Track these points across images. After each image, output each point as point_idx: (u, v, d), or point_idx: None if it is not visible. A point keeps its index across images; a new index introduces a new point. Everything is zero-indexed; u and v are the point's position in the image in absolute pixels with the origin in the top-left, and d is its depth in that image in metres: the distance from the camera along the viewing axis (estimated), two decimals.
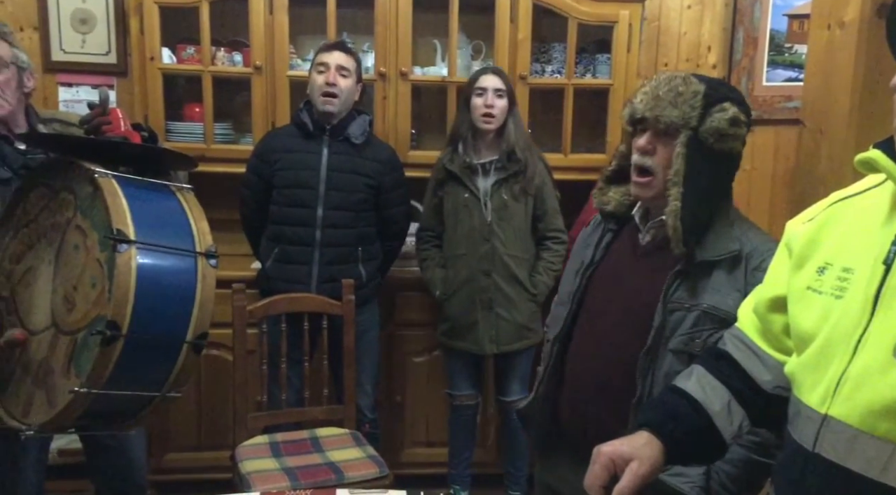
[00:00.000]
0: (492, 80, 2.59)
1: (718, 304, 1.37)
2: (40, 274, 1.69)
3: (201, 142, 2.92)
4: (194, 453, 2.93)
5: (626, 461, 1.03)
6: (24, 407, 1.65)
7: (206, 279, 1.60)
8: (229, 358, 2.75)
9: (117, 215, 1.51)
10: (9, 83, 1.87)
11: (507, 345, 2.64)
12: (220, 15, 2.92)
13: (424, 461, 3.02)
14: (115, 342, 1.46)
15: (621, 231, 1.57)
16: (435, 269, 2.72)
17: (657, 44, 3.36)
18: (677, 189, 1.38)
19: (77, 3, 3.02)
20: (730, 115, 1.37)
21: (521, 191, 2.61)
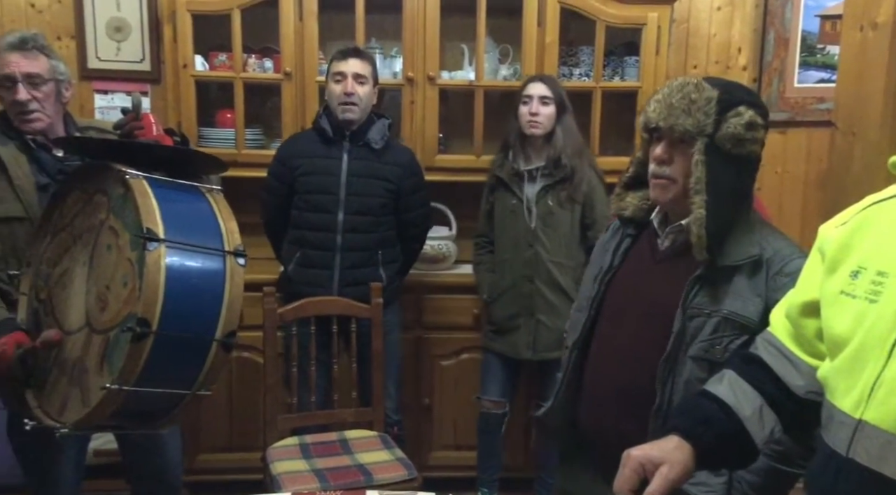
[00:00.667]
0: (538, 87, 2.61)
1: (739, 310, 1.36)
2: (75, 275, 1.73)
3: (233, 147, 2.97)
4: (225, 454, 2.97)
5: (657, 465, 1.03)
6: (60, 406, 1.69)
7: (234, 278, 1.62)
8: (259, 360, 2.79)
9: (147, 214, 1.54)
10: (48, 97, 1.92)
11: (545, 352, 2.64)
12: (250, 22, 2.96)
13: (452, 464, 3.02)
14: (146, 339, 1.49)
15: (640, 236, 1.56)
16: (484, 273, 2.76)
17: (686, 46, 3.34)
18: (700, 197, 1.36)
19: (112, 12, 3.09)
20: (746, 119, 1.35)
21: (568, 199, 2.62)
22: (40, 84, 1.90)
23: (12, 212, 1.88)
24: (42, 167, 1.93)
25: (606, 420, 1.49)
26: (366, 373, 2.55)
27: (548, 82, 2.64)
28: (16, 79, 1.87)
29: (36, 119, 1.91)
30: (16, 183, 1.88)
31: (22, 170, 1.90)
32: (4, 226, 1.89)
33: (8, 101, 1.90)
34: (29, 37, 1.93)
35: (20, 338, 1.78)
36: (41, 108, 1.91)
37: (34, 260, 1.86)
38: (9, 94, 1.89)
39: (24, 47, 1.90)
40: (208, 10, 2.89)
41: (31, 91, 1.89)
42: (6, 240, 1.89)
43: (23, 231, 1.89)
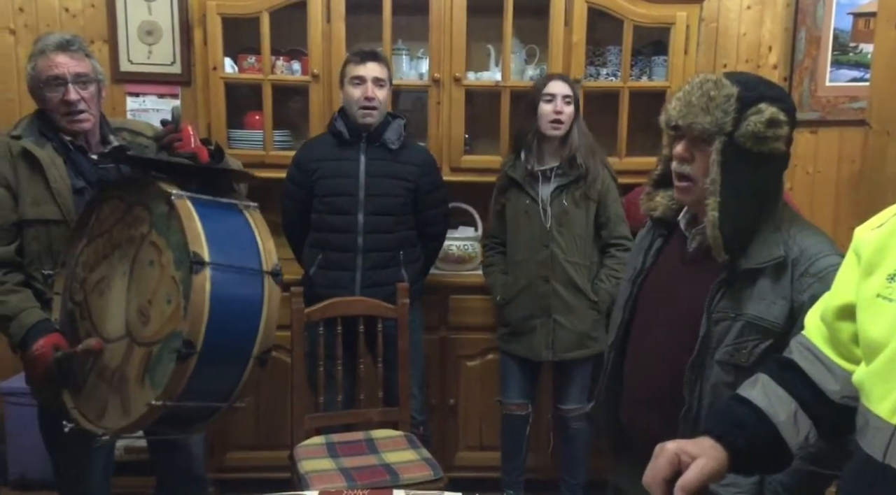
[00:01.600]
0: (560, 86, 2.59)
1: (762, 314, 1.34)
2: (114, 284, 1.77)
3: (261, 149, 3.00)
4: (253, 452, 3.00)
5: (692, 458, 1.02)
6: (99, 411, 1.74)
7: (271, 297, 1.69)
8: (287, 360, 2.81)
9: (193, 237, 1.59)
10: (93, 98, 1.96)
11: (564, 352, 2.63)
12: (279, 24, 2.99)
13: (477, 465, 3.02)
14: (190, 358, 1.55)
15: (671, 236, 1.55)
16: (497, 275, 2.74)
17: (715, 45, 3.30)
18: (714, 198, 1.33)
19: (144, 16, 3.14)
20: (766, 116, 1.32)
21: (583, 197, 2.61)
22: (88, 84, 1.94)
23: (49, 215, 1.91)
24: (78, 170, 1.96)
25: (642, 421, 1.49)
26: (391, 373, 2.56)
27: (568, 81, 2.64)
28: (66, 79, 1.90)
29: (84, 119, 1.94)
30: (53, 185, 1.91)
31: (59, 173, 1.93)
32: (41, 227, 1.92)
33: (56, 102, 1.92)
34: (72, 38, 1.96)
35: (58, 341, 1.82)
36: (88, 108, 1.94)
37: (69, 261, 1.89)
38: (58, 94, 1.91)
39: (71, 48, 1.93)
40: (237, 13, 2.92)
41: (80, 91, 1.92)
42: (42, 241, 1.92)
43: (59, 233, 1.92)
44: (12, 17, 3.16)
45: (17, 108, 3.17)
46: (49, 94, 1.93)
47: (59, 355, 1.78)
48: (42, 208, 1.91)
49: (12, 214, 1.91)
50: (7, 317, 1.87)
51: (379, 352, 2.54)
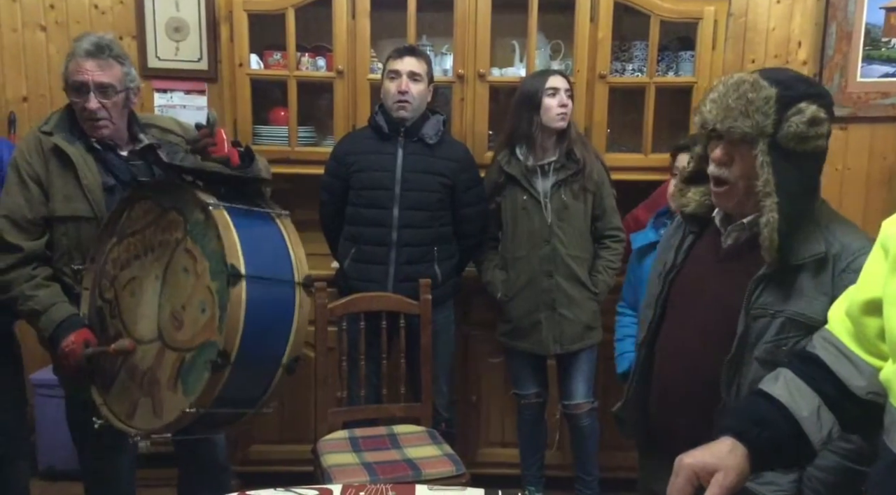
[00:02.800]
0: (561, 80, 2.61)
1: (804, 310, 1.32)
2: (147, 287, 1.80)
3: (286, 144, 3.02)
4: (277, 446, 3.02)
5: (711, 472, 1.01)
6: (129, 410, 1.78)
7: (302, 307, 1.73)
8: (311, 354, 2.83)
9: (231, 249, 1.62)
10: (116, 106, 1.99)
11: (570, 344, 2.65)
12: (304, 21, 3.01)
13: (499, 461, 3.02)
14: (224, 369, 1.59)
15: (703, 233, 1.53)
16: (494, 271, 2.74)
17: (744, 40, 3.26)
18: (772, 199, 1.31)
19: (172, 13, 3.17)
20: (808, 115, 1.30)
21: (581, 189, 2.62)
22: (111, 94, 1.96)
23: (80, 212, 1.95)
24: (108, 168, 1.99)
25: (674, 419, 1.48)
26: (415, 369, 2.57)
27: (566, 75, 2.66)
28: (88, 88, 1.93)
29: (103, 126, 1.97)
30: (83, 182, 1.94)
31: (90, 170, 1.96)
32: (72, 223, 1.95)
33: (79, 106, 1.96)
34: (105, 44, 1.97)
35: (88, 336, 1.85)
36: (108, 116, 1.96)
37: (98, 257, 1.92)
38: (80, 100, 1.95)
39: (100, 56, 1.94)
40: (264, 10, 2.94)
41: (102, 99, 1.94)
42: (71, 237, 1.96)
43: (89, 229, 1.95)
44: (43, 14, 3.21)
45: (48, 104, 3.22)
46: (74, 98, 1.97)
47: (90, 351, 1.80)
48: (73, 204, 1.94)
49: (42, 209, 1.94)
50: (37, 311, 1.90)
51: (402, 348, 2.55)
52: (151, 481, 2.71)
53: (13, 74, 3.23)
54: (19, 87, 3.24)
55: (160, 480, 2.72)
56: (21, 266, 1.94)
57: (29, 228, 1.94)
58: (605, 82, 2.96)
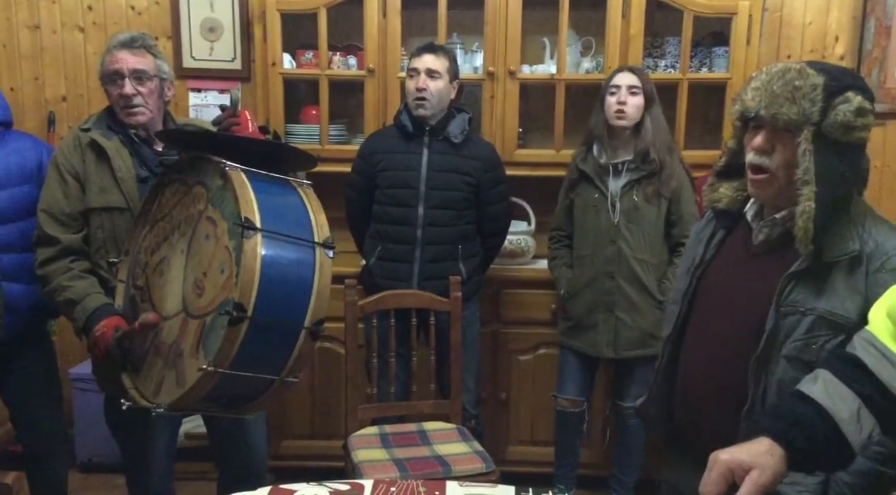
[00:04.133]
0: (626, 77, 2.56)
1: (836, 309, 1.30)
2: (173, 263, 1.81)
3: (317, 143, 3.04)
4: (308, 441, 3.06)
5: (746, 470, 1.00)
6: (155, 388, 1.77)
7: (322, 268, 1.67)
8: (341, 351, 2.86)
9: (245, 204, 1.60)
10: (151, 93, 2.03)
11: (626, 350, 2.60)
12: (335, 20, 3.03)
13: (529, 459, 3.02)
14: (241, 323, 1.54)
15: (734, 228, 1.51)
16: (562, 268, 2.73)
17: (779, 35, 3.20)
18: (810, 188, 1.28)
19: (206, 13, 3.22)
20: (855, 105, 1.28)
21: (655, 193, 2.56)
22: (145, 80, 2.01)
23: (114, 203, 1.99)
24: (143, 161, 2.04)
25: (699, 415, 1.46)
26: (444, 366, 2.57)
27: (637, 73, 2.59)
28: (123, 74, 1.98)
29: (139, 112, 2.01)
30: (118, 175, 1.99)
31: (124, 163, 2.00)
32: (106, 215, 2.00)
33: (115, 96, 2.01)
34: (137, 36, 2.04)
35: (118, 322, 1.88)
36: (144, 102, 2.01)
37: (132, 249, 1.96)
38: (116, 88, 2.00)
39: (133, 45, 2.01)
40: (296, 9, 2.97)
41: (137, 86, 1.99)
42: (106, 229, 2.00)
43: (123, 221, 1.99)
44: (82, 15, 3.28)
45: (86, 104, 3.30)
46: (110, 88, 2.02)
47: (119, 334, 1.83)
48: (107, 196, 1.99)
49: (79, 203, 2.00)
50: (72, 301, 1.95)
51: (432, 345, 2.56)
52: (189, 474, 2.76)
53: (53, 75, 3.30)
54: (58, 87, 3.31)
55: (196, 474, 2.77)
56: (59, 258, 1.99)
57: (67, 222, 2.00)
58: None
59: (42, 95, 3.31)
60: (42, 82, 3.31)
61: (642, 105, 2.55)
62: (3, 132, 2.29)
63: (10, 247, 2.22)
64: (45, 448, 2.41)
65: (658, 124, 2.57)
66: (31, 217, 2.28)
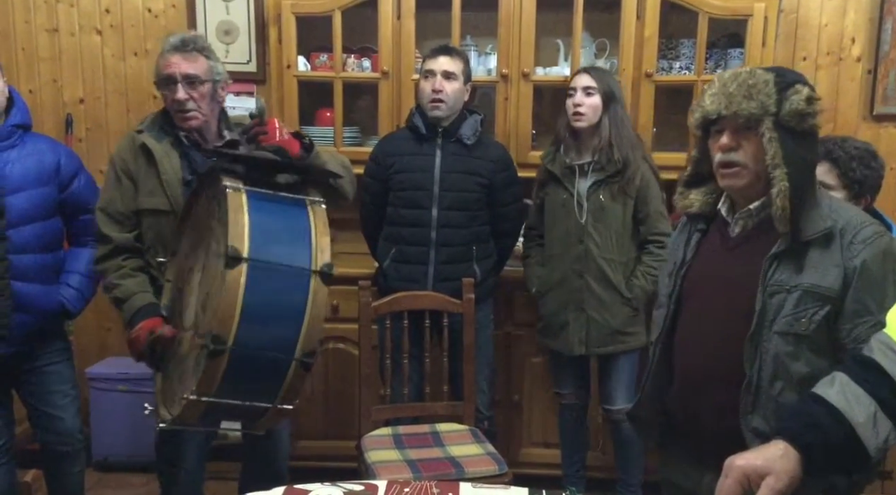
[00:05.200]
0: (582, 79, 2.58)
1: (819, 281, 1.38)
2: (195, 275, 1.84)
3: (331, 145, 3.05)
4: (322, 441, 3.07)
5: (761, 475, 1.00)
6: (171, 396, 1.81)
7: (316, 297, 1.63)
8: (354, 352, 2.87)
9: (234, 231, 1.57)
10: (204, 97, 2.05)
11: (597, 347, 2.61)
12: (350, 23, 3.04)
13: (541, 461, 3.02)
14: (220, 355, 1.53)
15: (708, 228, 1.60)
16: (534, 267, 2.75)
17: (795, 37, 3.19)
18: (781, 170, 1.39)
19: (222, 16, 3.24)
20: (805, 95, 1.39)
21: (620, 192, 2.57)
22: (198, 84, 2.03)
23: (159, 206, 2.04)
24: (191, 164, 2.07)
25: (700, 405, 1.51)
26: (457, 368, 2.58)
27: (593, 73, 2.60)
28: (176, 79, 2.00)
29: (192, 117, 2.04)
30: (163, 177, 2.02)
31: (171, 166, 2.04)
32: (153, 217, 2.04)
33: (168, 100, 2.04)
34: (190, 38, 2.05)
35: (155, 324, 1.92)
36: (197, 107, 2.03)
37: (178, 250, 1.99)
38: (170, 93, 2.03)
39: (185, 49, 2.03)
40: (311, 12, 2.98)
41: (189, 91, 2.01)
42: (154, 230, 2.06)
43: (167, 223, 2.04)
44: (99, 18, 3.31)
45: (103, 106, 3.33)
46: (164, 92, 2.05)
47: (151, 338, 1.87)
48: (154, 199, 2.04)
49: (133, 203, 2.05)
50: (120, 299, 2.01)
51: (445, 347, 2.56)
52: (220, 473, 2.78)
53: (70, 77, 3.34)
54: (76, 90, 3.35)
55: (227, 473, 2.79)
56: (112, 256, 2.05)
57: (121, 220, 2.05)
58: (651, 81, 2.93)
59: (60, 98, 3.35)
60: (60, 85, 3.34)
61: (599, 105, 2.56)
62: (22, 134, 2.32)
63: (28, 248, 2.25)
64: (62, 446, 2.43)
65: (618, 123, 2.57)
66: (49, 218, 2.31)
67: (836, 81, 3.19)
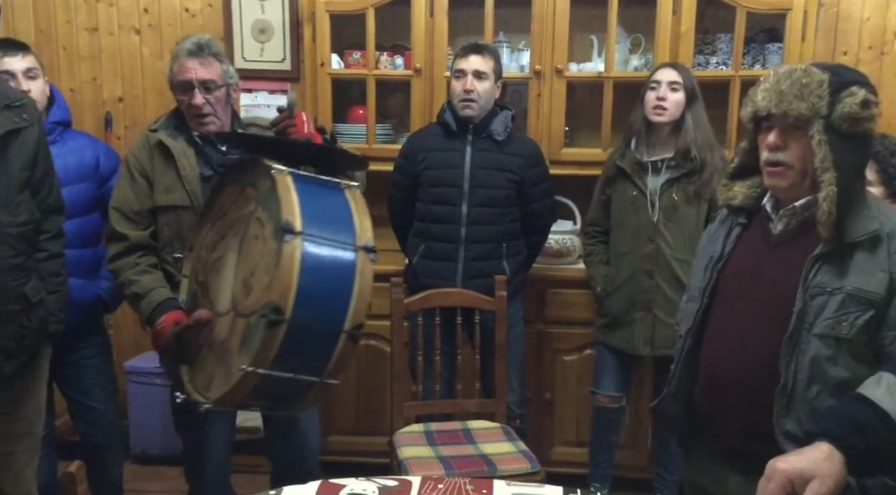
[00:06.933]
0: (667, 73, 2.53)
1: (864, 285, 1.34)
2: (227, 262, 1.86)
3: (364, 142, 3.07)
4: (354, 437, 3.09)
5: (806, 480, 0.98)
6: (206, 382, 1.82)
7: (363, 272, 1.68)
8: (386, 348, 2.88)
9: (288, 207, 1.62)
10: (220, 101, 2.08)
11: (663, 348, 2.56)
12: (383, 20, 3.05)
13: (573, 460, 3.00)
14: (279, 326, 1.57)
15: (750, 223, 1.56)
16: (598, 266, 2.71)
17: (835, 31, 3.12)
18: (830, 174, 1.35)
19: (258, 14, 3.27)
20: (860, 98, 1.35)
21: (696, 195, 2.52)
22: (214, 89, 2.05)
23: (179, 202, 2.06)
24: (207, 160, 2.10)
25: (727, 403, 1.48)
26: (489, 365, 2.57)
27: (679, 69, 2.55)
28: (193, 85, 2.03)
29: (210, 122, 2.07)
30: (182, 173, 2.05)
31: (189, 163, 2.06)
32: (172, 213, 2.06)
33: (185, 104, 2.07)
34: (204, 43, 2.07)
35: (178, 316, 1.95)
36: (214, 111, 2.06)
37: (196, 245, 2.02)
38: (187, 97, 2.05)
39: (201, 54, 2.04)
40: (345, 10, 3.00)
41: (206, 96, 2.04)
42: (172, 226, 2.07)
43: (187, 218, 2.06)
44: (138, 17, 3.37)
45: (142, 105, 3.39)
46: (180, 97, 2.08)
47: (178, 329, 1.89)
48: (173, 195, 2.06)
49: (148, 201, 2.07)
50: (138, 295, 2.03)
51: (477, 344, 2.56)
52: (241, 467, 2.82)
53: (110, 76, 3.40)
54: (115, 88, 3.41)
55: (255, 466, 2.82)
56: (127, 254, 2.07)
57: (136, 219, 2.07)
58: None
59: (100, 96, 3.41)
60: (100, 83, 3.41)
61: (683, 102, 2.51)
62: (62, 131, 2.37)
63: (69, 244, 2.29)
64: (100, 439, 2.49)
65: (699, 122, 2.53)
66: (89, 214, 2.36)
67: (878, 77, 3.11)
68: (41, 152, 1.89)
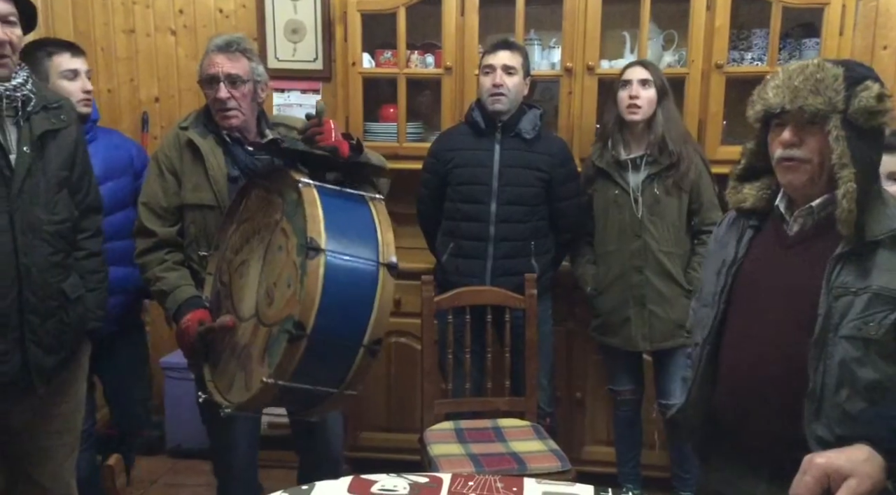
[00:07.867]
0: (637, 71, 2.56)
1: (889, 284, 1.31)
2: (251, 267, 1.89)
3: (395, 141, 3.09)
4: (385, 433, 3.12)
5: (843, 476, 0.96)
6: (227, 385, 1.87)
7: (385, 288, 1.72)
8: (417, 346, 2.90)
9: (313, 224, 1.65)
10: (245, 97, 2.10)
11: (661, 342, 2.59)
12: (413, 19, 3.06)
13: (604, 460, 2.98)
14: (300, 340, 1.61)
15: (762, 225, 1.53)
16: (586, 265, 2.73)
17: (875, 25, 3.05)
18: (849, 170, 1.32)
19: (290, 15, 3.31)
20: (875, 92, 1.33)
21: (675, 186, 2.56)
22: (239, 84, 2.08)
23: (206, 201, 2.08)
24: (234, 160, 2.12)
25: (751, 409, 1.45)
26: (519, 363, 2.58)
27: (648, 66, 2.59)
28: (219, 78, 2.06)
29: (233, 116, 2.09)
30: (210, 173, 2.08)
31: (217, 162, 2.09)
32: (198, 211, 2.09)
33: (211, 98, 2.10)
34: (234, 40, 2.10)
35: (203, 316, 1.98)
36: (238, 106, 2.09)
37: (221, 244, 2.05)
38: (212, 91, 2.08)
39: (229, 50, 2.08)
40: (376, 10, 3.02)
41: (231, 90, 2.06)
42: (198, 225, 2.10)
43: (213, 217, 2.09)
44: (173, 19, 3.43)
45: (177, 105, 3.45)
46: (207, 91, 2.10)
47: (202, 329, 1.93)
48: (200, 194, 2.08)
49: (176, 198, 2.10)
50: (164, 291, 2.06)
51: (507, 342, 2.56)
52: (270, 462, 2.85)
53: (146, 76, 3.47)
54: (151, 88, 3.47)
55: (278, 461, 2.86)
56: (155, 250, 2.10)
57: (164, 215, 2.10)
58: (721, 72, 2.85)
59: (136, 96, 3.48)
60: (136, 84, 3.47)
61: (654, 98, 2.54)
62: (95, 129, 2.43)
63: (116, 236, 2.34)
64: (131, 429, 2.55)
65: (670, 117, 2.57)
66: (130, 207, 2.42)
67: None
68: (79, 153, 1.93)
